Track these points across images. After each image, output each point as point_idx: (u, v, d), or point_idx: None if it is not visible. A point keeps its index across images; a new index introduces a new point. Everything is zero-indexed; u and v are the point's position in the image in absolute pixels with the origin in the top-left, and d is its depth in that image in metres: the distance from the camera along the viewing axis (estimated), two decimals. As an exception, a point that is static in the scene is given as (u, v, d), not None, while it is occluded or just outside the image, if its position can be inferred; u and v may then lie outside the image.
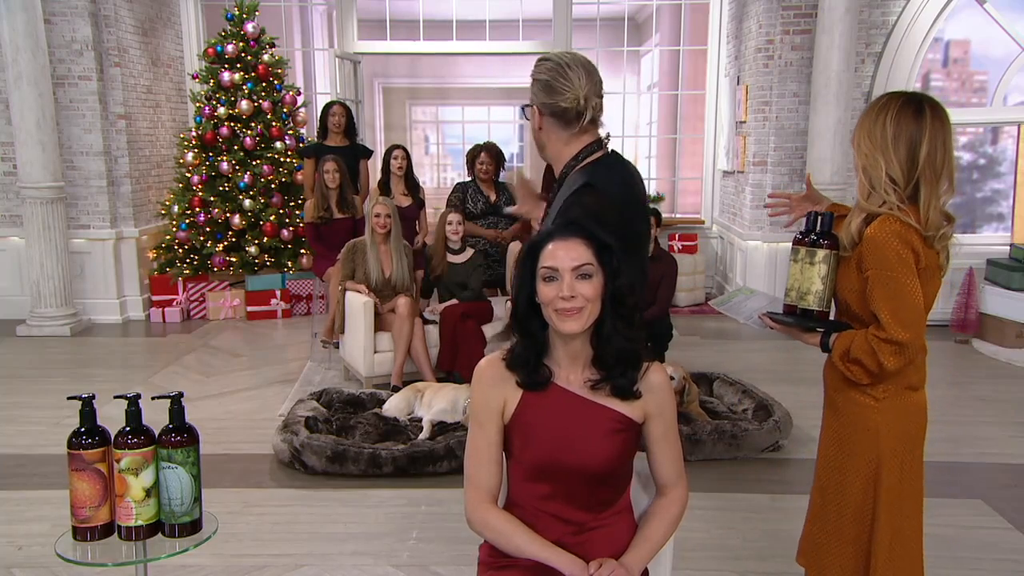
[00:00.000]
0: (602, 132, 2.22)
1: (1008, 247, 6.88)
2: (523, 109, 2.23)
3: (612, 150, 2.23)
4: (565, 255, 1.76)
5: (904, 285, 1.90)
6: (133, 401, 1.72)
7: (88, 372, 5.92)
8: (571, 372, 1.84)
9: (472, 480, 1.87)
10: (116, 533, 1.73)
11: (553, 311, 1.76)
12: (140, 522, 1.72)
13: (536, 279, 1.79)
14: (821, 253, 2.00)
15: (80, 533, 1.72)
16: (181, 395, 1.76)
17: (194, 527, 1.77)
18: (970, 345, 6.57)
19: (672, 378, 4.08)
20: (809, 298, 2.02)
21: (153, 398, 1.76)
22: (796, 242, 2.06)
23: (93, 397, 1.72)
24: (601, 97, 2.16)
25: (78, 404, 1.71)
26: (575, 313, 1.75)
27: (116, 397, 1.73)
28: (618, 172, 2.16)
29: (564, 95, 2.09)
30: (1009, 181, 7.67)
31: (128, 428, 1.72)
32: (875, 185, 1.97)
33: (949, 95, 8.81)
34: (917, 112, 1.95)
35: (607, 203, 2.04)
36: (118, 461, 1.70)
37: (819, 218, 2.04)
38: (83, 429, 1.71)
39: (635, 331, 1.81)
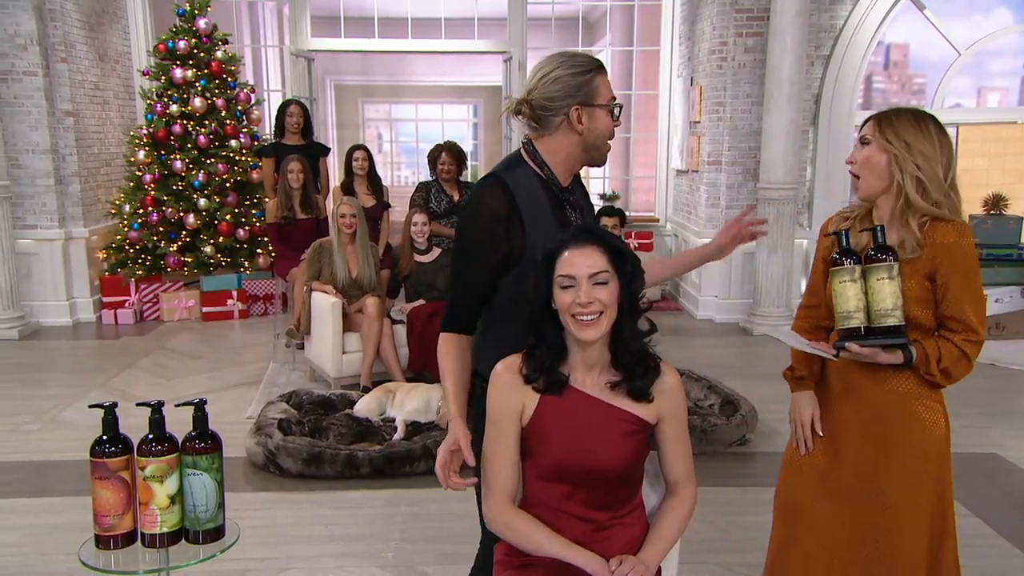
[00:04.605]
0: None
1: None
2: None
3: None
4: (582, 262, 1.80)
5: (981, 287, 2.03)
6: (156, 408, 1.71)
7: (41, 377, 5.74)
8: (587, 375, 1.88)
9: (491, 483, 1.90)
10: (140, 540, 1.72)
11: (571, 317, 1.81)
12: (164, 529, 1.71)
13: (553, 285, 1.83)
14: (895, 267, 1.96)
15: (103, 542, 1.71)
16: (204, 402, 1.76)
17: (217, 533, 1.77)
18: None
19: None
20: (898, 313, 1.96)
21: (176, 405, 1.75)
22: (868, 260, 1.98)
23: (115, 405, 1.71)
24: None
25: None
26: (593, 322, 1.80)
27: (139, 405, 1.72)
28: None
29: None
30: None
31: (151, 435, 1.71)
32: (931, 189, 2.00)
33: (891, 97, 9.14)
34: (943, 130, 2.06)
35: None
36: (142, 469, 1.69)
37: (876, 232, 1.99)
38: (105, 437, 1.69)
39: (648, 331, 1.88)
